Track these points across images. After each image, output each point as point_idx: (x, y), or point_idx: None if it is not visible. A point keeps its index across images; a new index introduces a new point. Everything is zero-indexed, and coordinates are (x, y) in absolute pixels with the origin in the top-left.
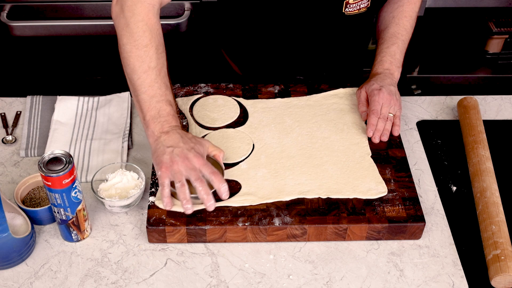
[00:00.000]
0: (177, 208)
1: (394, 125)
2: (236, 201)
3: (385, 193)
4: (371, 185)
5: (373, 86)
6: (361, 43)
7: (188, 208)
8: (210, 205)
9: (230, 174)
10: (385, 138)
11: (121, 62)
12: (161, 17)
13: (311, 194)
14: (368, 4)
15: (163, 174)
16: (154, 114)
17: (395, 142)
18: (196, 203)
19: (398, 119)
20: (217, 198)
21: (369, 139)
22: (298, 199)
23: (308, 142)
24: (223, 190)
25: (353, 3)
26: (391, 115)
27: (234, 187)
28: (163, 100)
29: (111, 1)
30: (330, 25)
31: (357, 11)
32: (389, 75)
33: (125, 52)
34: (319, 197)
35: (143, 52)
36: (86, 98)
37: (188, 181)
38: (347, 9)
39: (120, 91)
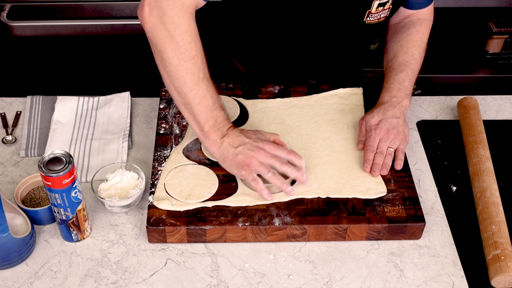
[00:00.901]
0: (177, 208)
1: (396, 159)
2: (234, 201)
3: (384, 193)
4: (370, 185)
5: (372, 120)
6: (366, 46)
7: (290, 190)
8: (305, 178)
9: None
10: (385, 172)
11: (164, 74)
12: None
13: (310, 194)
14: (387, 14)
15: (248, 172)
16: (212, 123)
17: None
18: (273, 191)
19: (401, 152)
20: (215, 198)
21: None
22: (298, 199)
23: (308, 142)
24: (303, 164)
25: (375, 13)
26: (392, 149)
27: (233, 188)
28: (217, 108)
29: (111, 1)
30: (350, 33)
31: (377, 20)
32: (396, 104)
33: (172, 65)
34: (319, 197)
35: (191, 64)
36: (86, 98)
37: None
38: (368, 18)
39: (120, 91)
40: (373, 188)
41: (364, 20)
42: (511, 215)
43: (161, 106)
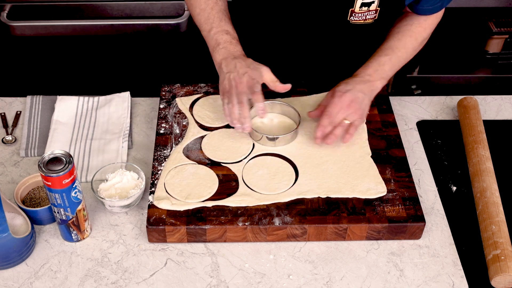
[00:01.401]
0: (177, 207)
1: (346, 133)
2: (234, 201)
3: (384, 193)
4: (370, 185)
5: (339, 87)
6: (368, 55)
7: (238, 127)
8: (246, 127)
9: (235, 168)
10: (329, 142)
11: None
12: (161, 17)
13: (310, 194)
14: (375, 17)
15: (223, 98)
16: (214, 44)
17: (395, 142)
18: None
19: (354, 128)
20: (215, 198)
21: (369, 134)
22: (298, 199)
23: (308, 142)
24: (258, 107)
25: (359, 13)
26: (347, 122)
27: (233, 188)
28: (220, 32)
29: (111, 1)
30: (335, 33)
31: (362, 21)
32: (367, 82)
33: None
34: (319, 197)
35: None
36: (86, 98)
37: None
38: (352, 17)
39: (120, 91)
40: (373, 188)
41: (348, 19)
42: (511, 215)
43: (161, 106)
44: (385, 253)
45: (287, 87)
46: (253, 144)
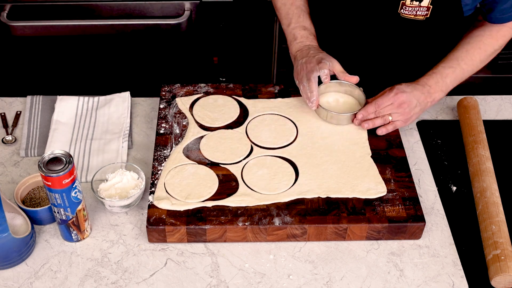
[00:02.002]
0: (177, 207)
1: (384, 126)
2: (233, 201)
3: (384, 193)
4: (370, 185)
5: (399, 86)
6: (418, 55)
7: (312, 102)
8: (313, 101)
9: (235, 169)
10: (365, 126)
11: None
12: (161, 17)
13: (310, 194)
14: (427, 14)
15: (298, 83)
16: (291, 38)
17: (395, 142)
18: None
19: (393, 126)
20: (215, 198)
21: (370, 134)
22: (298, 199)
23: (308, 142)
24: (322, 74)
25: (409, 6)
26: (390, 118)
27: (233, 188)
28: (297, 27)
29: (111, 1)
30: (385, 26)
31: (413, 16)
32: (426, 92)
33: None
34: (319, 197)
35: None
36: (86, 98)
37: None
38: (402, 10)
39: (120, 91)
40: (373, 188)
41: (399, 11)
42: (511, 215)
43: (161, 106)
44: (385, 253)
45: (356, 79)
46: (251, 146)
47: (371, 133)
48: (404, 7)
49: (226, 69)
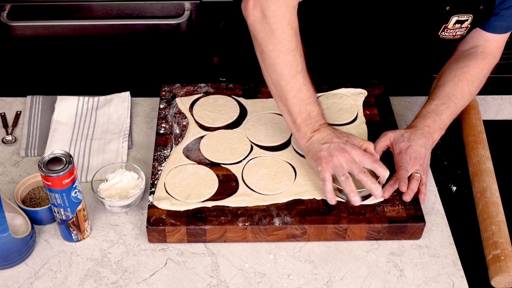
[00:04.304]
0: (177, 208)
1: (420, 193)
2: (233, 201)
3: (382, 199)
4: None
5: (402, 144)
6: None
7: (357, 200)
8: (379, 193)
9: (235, 169)
10: (408, 199)
11: (263, 66)
12: (161, 17)
13: (306, 195)
14: (464, 32)
15: (323, 169)
16: (305, 116)
17: None
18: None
19: (424, 186)
20: (215, 198)
21: (370, 134)
22: (299, 199)
23: None
24: (386, 176)
25: (451, 29)
26: (418, 175)
27: (233, 188)
28: (312, 102)
29: (111, 1)
30: (423, 45)
31: (452, 36)
32: (427, 134)
33: (272, 58)
34: (314, 198)
35: (291, 57)
36: (86, 98)
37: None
38: (443, 32)
39: (120, 91)
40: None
41: (439, 34)
42: (511, 215)
43: (161, 106)
44: (385, 253)
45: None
46: (251, 145)
47: (372, 133)
48: (446, 30)
49: (226, 69)
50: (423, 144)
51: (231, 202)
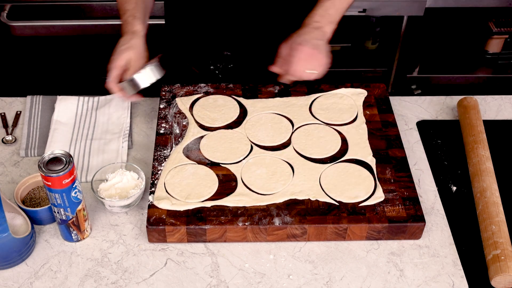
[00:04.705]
0: (177, 207)
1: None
2: (231, 201)
3: (382, 199)
4: (360, 193)
5: (294, 40)
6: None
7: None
8: None
9: (235, 169)
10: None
11: None
12: (161, 17)
13: (301, 195)
14: None
15: None
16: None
17: (395, 142)
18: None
19: (314, 76)
20: (215, 198)
21: (370, 135)
22: (299, 199)
23: (303, 140)
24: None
25: None
26: (313, 72)
27: (233, 188)
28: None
29: (111, 1)
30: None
31: None
32: (318, 29)
33: None
34: (309, 199)
35: None
36: (86, 98)
37: None
38: None
39: None
40: (362, 196)
41: None
42: (511, 215)
43: (161, 106)
44: (385, 253)
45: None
46: (251, 145)
47: (370, 133)
48: None
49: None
50: (316, 37)
51: (228, 201)
